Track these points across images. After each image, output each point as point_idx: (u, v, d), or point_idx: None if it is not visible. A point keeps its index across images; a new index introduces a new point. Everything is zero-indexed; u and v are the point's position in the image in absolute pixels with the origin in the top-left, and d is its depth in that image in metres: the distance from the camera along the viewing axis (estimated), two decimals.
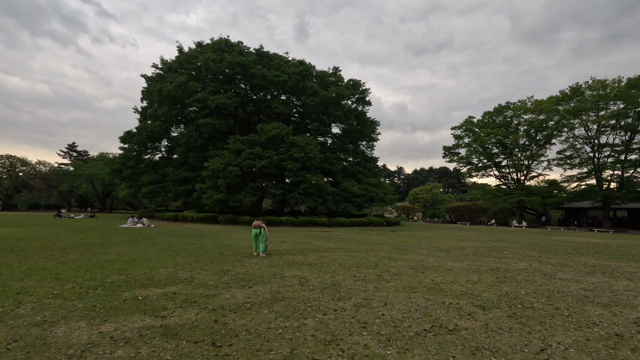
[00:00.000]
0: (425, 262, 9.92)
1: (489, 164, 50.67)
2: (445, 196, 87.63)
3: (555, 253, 13.35)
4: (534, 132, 46.02)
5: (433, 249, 13.76)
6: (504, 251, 13.52)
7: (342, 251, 12.12)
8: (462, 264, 9.86)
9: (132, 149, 33.88)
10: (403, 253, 12.03)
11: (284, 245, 13.48)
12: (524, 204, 45.05)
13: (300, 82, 31.89)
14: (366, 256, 10.93)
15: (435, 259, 10.63)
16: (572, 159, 43.55)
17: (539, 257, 11.76)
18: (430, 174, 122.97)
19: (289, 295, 5.80)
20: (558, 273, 8.64)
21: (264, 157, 27.66)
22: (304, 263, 9.26)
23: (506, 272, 8.56)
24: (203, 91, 30.08)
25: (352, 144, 39.46)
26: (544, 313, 5.08)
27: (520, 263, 10.30)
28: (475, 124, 50.54)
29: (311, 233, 20.56)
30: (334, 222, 29.36)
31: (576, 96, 41.34)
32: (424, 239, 18.54)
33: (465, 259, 10.82)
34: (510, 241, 18.80)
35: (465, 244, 16.14)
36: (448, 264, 9.79)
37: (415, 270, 8.60)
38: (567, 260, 11.28)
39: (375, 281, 7.12)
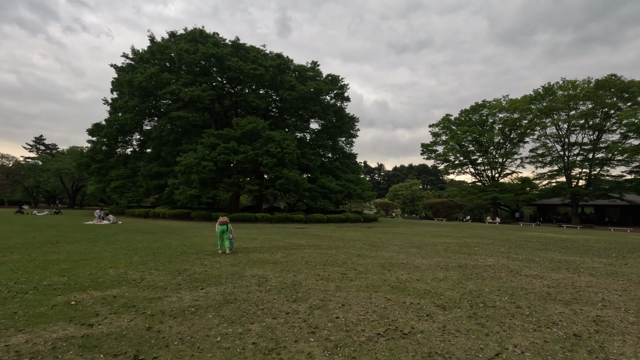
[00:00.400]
0: (394, 259, 9.73)
1: (465, 161, 51.60)
2: (424, 193, 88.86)
3: (524, 249, 13.50)
4: (508, 130, 47.11)
5: (405, 245, 13.65)
6: (475, 247, 13.57)
7: (313, 248, 11.80)
8: (431, 260, 9.73)
9: (100, 142, 32.34)
10: (374, 250, 11.83)
11: (254, 243, 13.04)
12: (497, 200, 46.18)
13: (278, 76, 31.26)
14: (336, 253, 10.66)
15: (405, 256, 10.48)
16: (544, 157, 44.92)
17: (507, 253, 11.82)
18: (409, 171, 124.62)
19: (243, 296, 5.41)
20: (524, 269, 8.62)
21: (240, 152, 26.96)
22: (269, 261, 8.88)
23: (473, 269, 8.46)
24: (176, 83, 29.01)
25: (331, 140, 39.16)
26: (505, 312, 4.91)
27: (489, 259, 10.28)
28: (452, 122, 51.30)
29: (285, 230, 20.17)
30: (310, 218, 29.06)
31: (548, 96, 42.55)
32: (399, 235, 18.50)
33: (436, 256, 10.72)
34: (483, 237, 19.03)
35: (438, 240, 16.16)
36: (417, 260, 9.64)
37: (383, 267, 8.37)
38: (534, 256, 11.38)
39: (338, 280, 6.82)
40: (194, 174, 25.88)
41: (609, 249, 14.56)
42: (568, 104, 40.27)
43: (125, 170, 31.70)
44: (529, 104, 43.15)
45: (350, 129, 41.08)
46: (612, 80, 37.39)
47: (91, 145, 32.57)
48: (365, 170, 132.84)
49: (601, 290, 6.58)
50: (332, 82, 34.92)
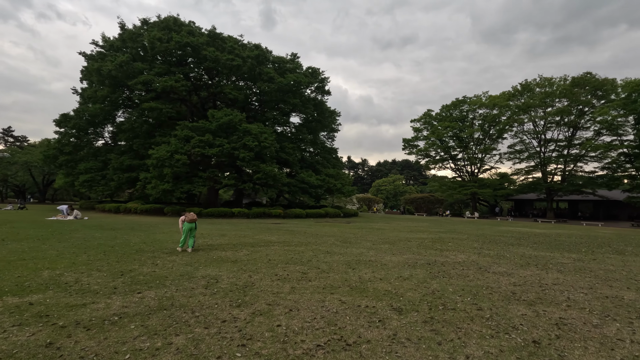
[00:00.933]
0: (363, 257, 9.35)
1: (446, 156, 51.98)
2: (407, 188, 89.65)
3: (497, 244, 13.41)
4: (487, 126, 47.64)
5: (379, 241, 13.34)
6: (449, 243, 13.38)
7: (281, 245, 11.32)
8: (401, 257, 9.40)
9: (68, 133, 30.74)
10: (345, 246, 11.44)
11: (221, 239, 12.45)
12: (477, 195, 46.78)
13: (256, 68, 30.42)
14: (304, 250, 10.21)
15: (375, 253, 10.12)
16: (521, 153, 45.68)
17: (479, 249, 11.65)
18: (393, 166, 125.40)
19: (182, 301, 4.88)
20: (493, 266, 8.38)
21: (215, 145, 26.11)
22: (228, 260, 8.34)
23: (442, 266, 8.16)
24: (149, 73, 27.77)
25: (312, 134, 38.65)
26: (464, 316, 4.56)
27: (460, 255, 10.04)
28: (433, 117, 51.51)
29: (260, 225, 19.60)
30: (289, 213, 28.54)
31: (526, 92, 43.17)
32: (375, 231, 18.23)
33: (407, 252, 10.42)
34: (459, 232, 18.98)
35: (413, 236, 15.95)
36: (386, 258, 9.29)
37: (348, 266, 7.96)
38: (505, 251, 11.24)
39: (296, 280, 6.36)
40: (166, 168, 24.91)
41: (579, 243, 14.66)
42: (545, 101, 40.97)
43: (95, 163, 30.28)
44: (507, 101, 43.70)
45: (332, 123, 40.66)
46: (587, 78, 38.18)
47: (58, 137, 30.92)
48: (349, 166, 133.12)
49: (567, 288, 6.35)
50: (313, 74, 34.30)
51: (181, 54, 29.35)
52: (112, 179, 29.33)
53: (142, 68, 28.16)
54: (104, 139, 34.92)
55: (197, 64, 30.73)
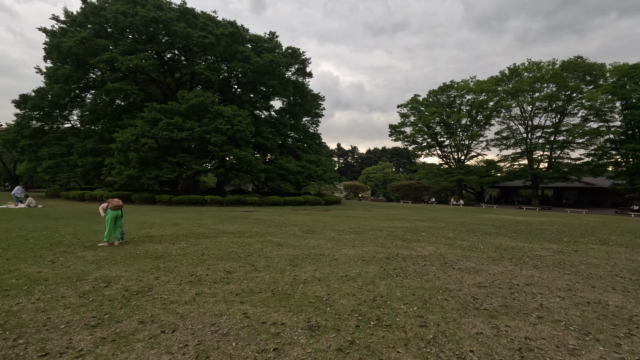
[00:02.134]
0: (316, 250, 8.16)
1: (433, 143, 51.02)
2: (396, 175, 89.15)
3: (474, 234, 12.38)
4: (475, 112, 46.64)
5: (346, 230, 12.18)
6: (422, 232, 12.30)
7: (232, 236, 10.07)
8: (360, 250, 8.25)
9: (28, 115, 28.60)
10: (304, 237, 10.25)
11: (170, 230, 11.14)
12: (463, 182, 46.10)
13: (232, 46, 28.56)
14: (253, 242, 8.98)
15: (334, 245, 8.96)
16: (508, 139, 44.94)
17: (453, 239, 10.58)
18: (383, 154, 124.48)
19: (24, 318, 3.59)
20: (461, 261, 7.27)
21: (185, 128, 24.51)
22: (152, 255, 7.06)
23: (401, 262, 7.02)
24: (113, 51, 25.76)
25: (294, 118, 37.12)
26: (399, 337, 3.38)
27: (428, 247, 8.93)
28: (420, 103, 50.28)
29: (229, 214, 18.30)
30: (265, 201, 27.26)
31: (514, 77, 42.10)
32: (349, 219, 17.10)
33: (370, 244, 9.27)
34: (438, 220, 17.98)
35: (387, 224, 14.86)
36: (343, 251, 8.12)
37: (291, 262, 6.76)
38: (480, 242, 10.18)
39: (210, 283, 5.13)
40: (132, 152, 23.29)
41: (561, 232, 13.75)
42: (533, 86, 39.97)
43: (59, 148, 28.32)
44: (495, 85, 42.60)
45: (315, 107, 39.13)
46: (577, 62, 37.20)
47: (18, 119, 28.78)
48: (338, 153, 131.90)
49: (541, 290, 5.25)
50: (293, 55, 32.57)
51: (150, 31, 27.31)
52: (76, 164, 27.54)
53: (106, 45, 26.12)
54: (71, 123, 32.79)
55: (168, 42, 28.68)
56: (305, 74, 35.03)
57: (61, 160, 28.03)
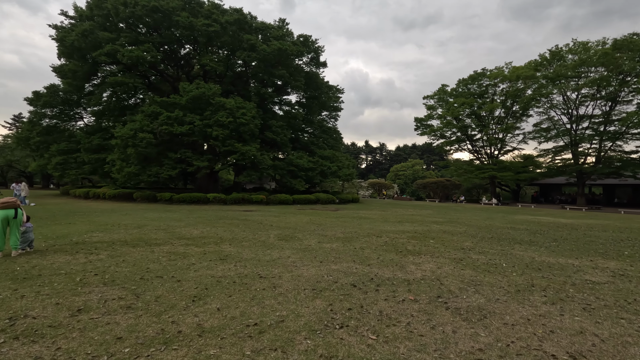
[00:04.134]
0: (267, 267, 5.98)
1: (463, 137, 47.02)
2: (427, 173, 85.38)
3: (499, 242, 9.64)
4: (510, 102, 42.25)
5: (334, 237, 9.88)
6: (430, 240, 9.75)
7: (181, 244, 8.10)
8: (326, 268, 5.97)
9: (39, 113, 28.48)
10: (272, 247, 8.09)
11: (124, 233, 9.38)
12: (496, 179, 41.94)
13: (238, 35, 26.90)
14: (194, 254, 6.94)
15: (299, 258, 6.73)
16: (549, 131, 40.24)
17: (467, 251, 7.98)
18: (413, 151, 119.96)
19: None
20: (465, 292, 4.80)
21: (185, 122, 23.11)
22: (28, 275, 5.18)
23: (371, 293, 4.67)
24: (114, 43, 24.82)
25: (308, 112, 35.05)
26: None
27: (427, 265, 6.46)
28: (449, 93, 46.44)
29: (219, 213, 16.52)
30: (272, 199, 25.35)
31: (556, 61, 37.50)
32: (353, 220, 14.73)
33: (349, 258, 6.95)
34: (459, 223, 15.18)
35: (393, 228, 12.37)
36: (302, 269, 5.88)
37: (200, 292, 4.62)
38: (504, 256, 7.52)
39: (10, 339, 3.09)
40: (130, 148, 22.18)
41: (618, 240, 10.63)
42: (578, 70, 35.25)
43: (68, 145, 28.03)
44: (533, 71, 38.11)
45: (331, 100, 36.88)
46: (632, 40, 32.18)
47: (30, 116, 28.74)
48: (366, 150, 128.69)
49: None
50: (304, 43, 30.39)
51: (152, 22, 26.18)
52: (83, 161, 27.08)
53: (109, 38, 25.24)
54: (84, 121, 32.57)
55: (173, 33, 27.47)
56: (318, 63, 32.79)
57: (69, 157, 27.71)
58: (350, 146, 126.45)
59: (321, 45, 31.35)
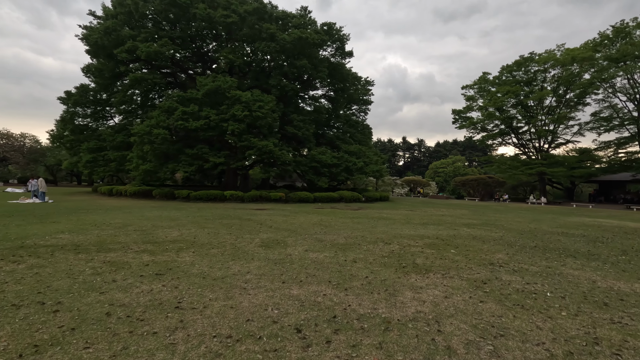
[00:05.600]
0: (199, 293, 4.42)
1: (507, 129, 42.79)
2: (468, 170, 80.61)
3: (544, 253, 7.36)
4: (563, 89, 37.63)
5: (331, 244, 8.14)
6: (452, 250, 7.68)
7: (142, 251, 6.80)
8: (285, 292, 4.28)
9: (70, 111, 29.26)
10: (242, 257, 6.54)
11: (93, 234, 8.34)
12: (545, 176, 37.56)
13: (258, 25, 25.75)
14: (129, 265, 5.56)
15: (261, 276, 5.10)
16: (610, 120, 35.27)
17: (497, 268, 5.88)
18: (453, 147, 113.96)
19: None
20: (470, 358, 2.90)
21: (201, 117, 22.33)
22: None
23: (305, 354, 2.93)
24: (135, 40, 24.66)
25: (334, 106, 33.30)
26: None
27: (429, 293, 4.55)
28: (491, 82, 42.41)
29: (228, 212, 15.34)
30: (292, 197, 23.96)
31: (620, 39, 32.58)
32: (370, 221, 12.84)
33: (326, 278, 5.20)
34: (497, 226, 12.73)
35: (412, 232, 10.36)
36: (245, 296, 4.25)
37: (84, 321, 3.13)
38: (549, 277, 5.34)
39: None
40: (146, 145, 21.80)
41: None
42: None
43: (97, 143, 28.55)
44: (592, 52, 33.43)
45: (362, 93, 34.88)
46: None
47: (62, 115, 29.62)
48: (404, 147, 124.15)
49: None
50: (328, 32, 28.57)
51: (172, 16, 25.75)
52: (110, 158, 27.39)
53: (130, 35, 25.16)
54: (114, 121, 33.16)
55: (192, 27, 26.93)
56: (344, 53, 30.85)
57: (98, 155, 28.20)
58: (387, 143, 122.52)
59: (346, 33, 29.38)
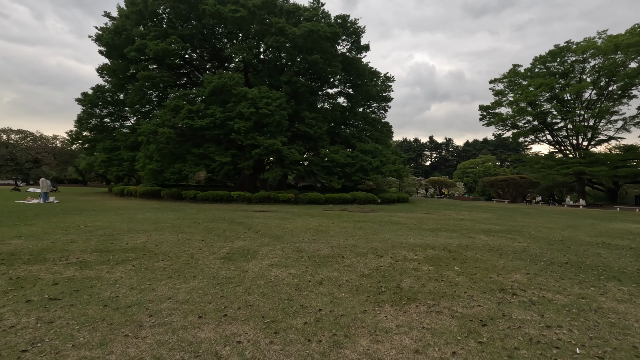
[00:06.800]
0: (54, 336, 3.26)
1: (540, 126, 39.50)
2: (499, 170, 76.50)
3: (577, 274, 5.66)
4: (605, 81, 34.13)
5: (310, 256, 6.83)
6: (454, 267, 6.15)
7: (71, 263, 5.80)
8: (180, 336, 3.04)
9: (87, 112, 29.58)
10: (188, 274, 5.38)
11: (44, 241, 7.49)
12: (584, 176, 34.20)
13: (265, 20, 24.83)
14: (50, 282, 4.51)
15: (175, 309, 3.90)
16: None
17: (509, 297, 4.32)
18: (484, 146, 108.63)
19: None
20: None
21: (207, 115, 21.62)
22: None
23: None
24: (144, 38, 24.38)
25: (350, 102, 31.85)
26: None
27: (392, 345, 3.14)
28: (522, 75, 39.30)
29: (225, 214, 14.39)
30: (302, 198, 22.77)
31: None
32: (376, 226, 11.39)
33: (264, 309, 3.90)
34: (522, 234, 10.89)
35: (417, 241, 8.83)
36: (111, 347, 3.04)
37: None
38: (583, 315, 3.74)
39: None
40: (151, 144, 21.35)
41: None
42: None
43: (111, 143, 28.69)
44: (639, 37, 29.92)
45: (381, 90, 33.27)
46: None
47: (79, 116, 30.01)
48: (431, 147, 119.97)
49: None
50: (342, 25, 27.20)
51: (182, 13, 25.29)
52: (123, 158, 27.37)
53: (141, 33, 24.94)
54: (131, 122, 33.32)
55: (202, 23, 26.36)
56: (359, 47, 29.35)
57: (112, 155, 28.31)
58: (413, 142, 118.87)
59: (361, 25, 27.86)
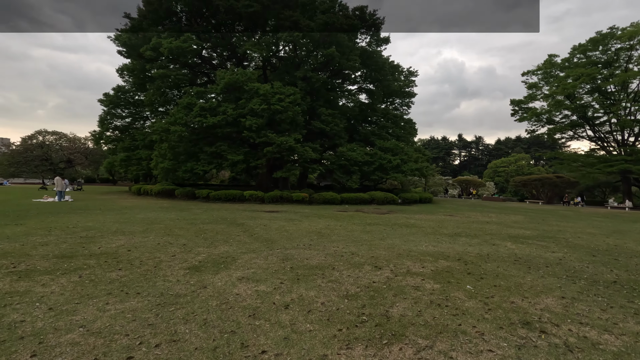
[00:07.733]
0: None
1: (580, 121, 36.37)
2: (534, 169, 72.15)
3: (630, 297, 4.33)
4: None
5: (298, 267, 5.86)
6: (467, 286, 4.96)
7: (17, 274, 5.15)
8: None
9: (108, 112, 30.10)
10: (142, 290, 4.56)
11: (26, 244, 6.99)
12: (631, 175, 31.03)
13: (281, 14, 24.05)
14: None
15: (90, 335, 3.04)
16: None
17: (533, 339, 3.14)
18: (517, 144, 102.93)
19: None
20: None
21: (219, 112, 21.13)
22: None
23: None
24: (159, 36, 24.30)
25: (369, 97, 30.57)
26: None
27: None
28: (558, 66, 36.31)
29: (230, 215, 13.72)
30: (316, 198, 21.81)
31: None
32: (388, 230, 10.28)
33: (191, 348, 2.97)
34: (557, 241, 9.38)
35: (430, 249, 7.64)
36: None
37: None
38: None
39: None
40: (164, 143, 21.14)
41: None
42: None
43: (131, 142, 29.00)
44: None
45: (404, 85, 31.78)
46: None
47: (101, 116, 30.58)
48: (459, 145, 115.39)
49: None
50: (360, 17, 25.96)
51: (196, 10, 25.04)
52: (142, 157, 27.57)
53: (156, 32, 24.91)
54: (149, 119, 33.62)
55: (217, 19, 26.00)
56: (379, 40, 27.98)
57: (132, 154, 28.60)
58: (441, 141, 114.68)
59: (380, 17, 26.48)
